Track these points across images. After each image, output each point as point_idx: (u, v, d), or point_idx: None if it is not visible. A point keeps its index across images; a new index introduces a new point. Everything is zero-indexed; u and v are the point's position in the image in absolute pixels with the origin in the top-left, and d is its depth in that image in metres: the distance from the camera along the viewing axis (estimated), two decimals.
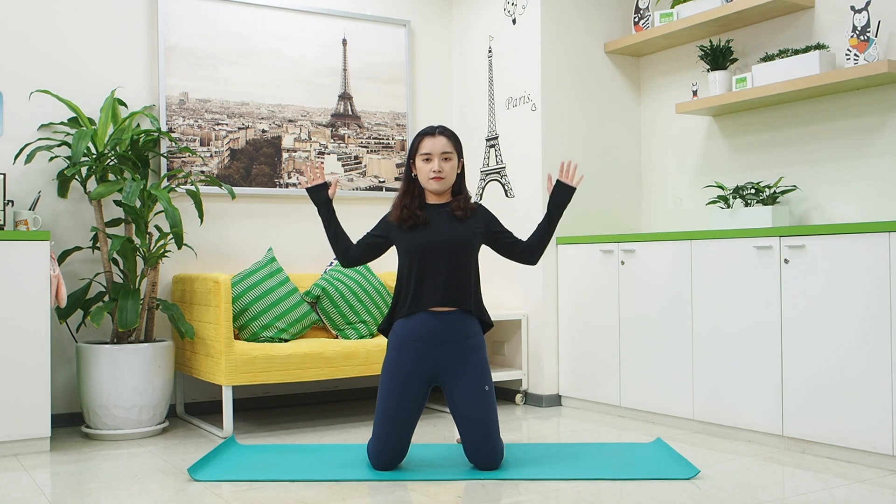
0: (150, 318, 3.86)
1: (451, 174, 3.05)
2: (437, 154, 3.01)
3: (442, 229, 3.03)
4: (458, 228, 3.04)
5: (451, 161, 3.04)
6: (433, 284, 2.99)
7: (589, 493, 2.68)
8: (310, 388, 4.54)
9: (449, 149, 3.04)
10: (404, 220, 3.04)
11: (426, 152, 3.02)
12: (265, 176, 4.39)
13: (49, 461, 3.22)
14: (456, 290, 3.00)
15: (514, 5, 4.50)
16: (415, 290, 3.00)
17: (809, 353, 3.18)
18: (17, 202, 3.79)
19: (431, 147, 3.02)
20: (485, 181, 4.73)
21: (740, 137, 4.05)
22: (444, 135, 3.05)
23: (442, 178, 3.01)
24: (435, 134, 3.04)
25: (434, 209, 3.08)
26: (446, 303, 2.99)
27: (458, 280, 3.01)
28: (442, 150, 3.02)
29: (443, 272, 2.99)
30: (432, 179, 3.02)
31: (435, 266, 2.99)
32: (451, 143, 3.06)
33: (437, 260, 2.99)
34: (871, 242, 2.99)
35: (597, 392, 4.12)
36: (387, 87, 4.76)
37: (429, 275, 2.99)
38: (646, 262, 3.87)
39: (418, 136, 3.08)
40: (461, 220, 3.05)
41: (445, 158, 3.02)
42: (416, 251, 3.00)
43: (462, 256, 3.02)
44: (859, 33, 3.39)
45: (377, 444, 2.96)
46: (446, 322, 2.99)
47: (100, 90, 4.02)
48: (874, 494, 2.64)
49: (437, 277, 2.99)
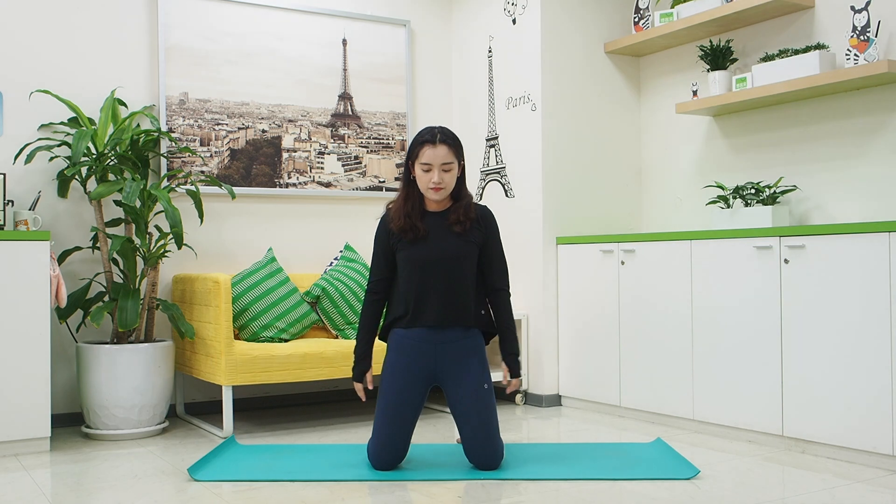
0: (150, 318, 3.86)
1: (451, 183, 2.98)
2: (438, 165, 2.93)
3: (441, 244, 2.98)
4: (456, 243, 2.99)
5: (452, 171, 2.97)
6: (431, 301, 2.98)
7: (589, 493, 2.68)
8: (310, 388, 4.54)
9: (450, 159, 2.95)
10: (405, 231, 2.99)
11: (426, 162, 2.93)
12: (265, 176, 4.39)
13: (49, 461, 3.22)
14: (455, 306, 2.99)
15: (514, 5, 4.50)
16: (414, 307, 2.99)
17: (809, 353, 3.18)
18: (17, 202, 3.79)
19: (432, 157, 2.93)
20: (485, 181, 4.73)
21: (740, 137, 4.05)
22: (445, 143, 2.95)
23: (442, 188, 2.95)
24: (436, 143, 2.94)
25: (434, 219, 3.02)
26: (445, 322, 2.99)
27: (458, 295, 2.99)
28: (442, 160, 2.93)
29: (441, 288, 2.97)
30: (432, 189, 2.95)
31: (434, 282, 2.97)
32: (452, 152, 2.96)
33: (435, 276, 2.97)
34: (871, 242, 2.99)
35: (597, 392, 4.12)
36: (387, 87, 4.76)
37: (427, 291, 2.98)
38: (646, 262, 3.87)
39: (418, 142, 2.98)
40: (461, 233, 3.00)
41: (446, 169, 2.95)
42: (415, 266, 2.98)
43: (461, 271, 2.99)
44: (859, 33, 3.39)
45: (377, 444, 2.96)
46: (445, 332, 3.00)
47: (100, 90, 4.02)
48: (874, 494, 2.64)
49: (435, 294, 2.97)
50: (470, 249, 3.01)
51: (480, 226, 3.05)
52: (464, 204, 3.02)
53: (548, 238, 4.31)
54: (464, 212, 3.00)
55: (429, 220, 3.02)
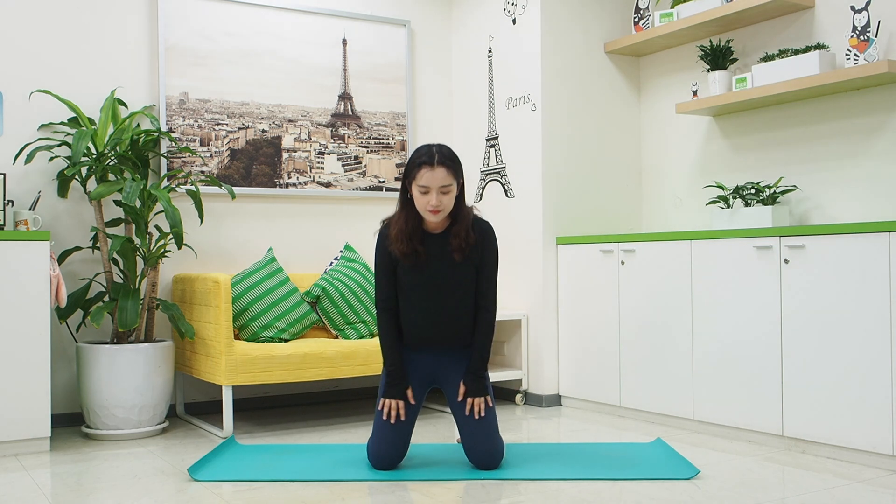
0: (150, 318, 3.86)
1: (450, 205, 2.91)
2: (436, 188, 2.84)
3: (441, 271, 2.95)
4: (456, 269, 2.96)
5: (451, 192, 2.88)
6: (431, 328, 2.99)
7: (589, 493, 2.68)
8: (310, 388, 4.54)
9: (448, 181, 2.85)
10: (406, 256, 2.93)
11: (424, 185, 2.84)
12: (265, 176, 4.39)
13: (49, 461, 3.22)
14: (454, 330, 3.00)
15: (514, 5, 4.50)
16: (414, 331, 3.00)
17: (809, 353, 3.18)
18: (17, 202, 3.79)
19: (429, 181, 2.83)
20: (485, 181, 4.73)
21: (740, 137, 4.05)
22: (444, 165, 2.85)
23: (440, 210, 2.88)
24: (434, 165, 2.84)
25: (434, 242, 2.97)
26: (444, 343, 3.01)
27: (457, 319, 3.00)
28: (440, 184, 2.84)
29: (441, 316, 2.98)
30: (430, 212, 2.87)
31: (433, 309, 2.97)
32: (451, 174, 2.86)
33: (435, 303, 2.97)
34: (871, 242, 2.99)
35: (597, 392, 4.12)
36: (387, 87, 4.76)
37: (427, 318, 2.98)
38: (646, 262, 3.87)
39: (416, 164, 2.87)
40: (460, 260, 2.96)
41: (444, 191, 2.86)
42: (415, 292, 2.97)
43: (460, 296, 2.99)
44: (859, 33, 3.39)
45: (377, 444, 2.96)
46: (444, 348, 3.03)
47: (100, 90, 4.02)
48: (874, 494, 2.64)
49: (434, 322, 2.98)
50: (469, 273, 2.99)
51: (479, 246, 2.99)
52: (464, 227, 2.94)
53: (548, 238, 4.31)
54: (464, 236, 2.93)
55: (429, 242, 2.96)
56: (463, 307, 3.00)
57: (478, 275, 3.01)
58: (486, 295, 3.02)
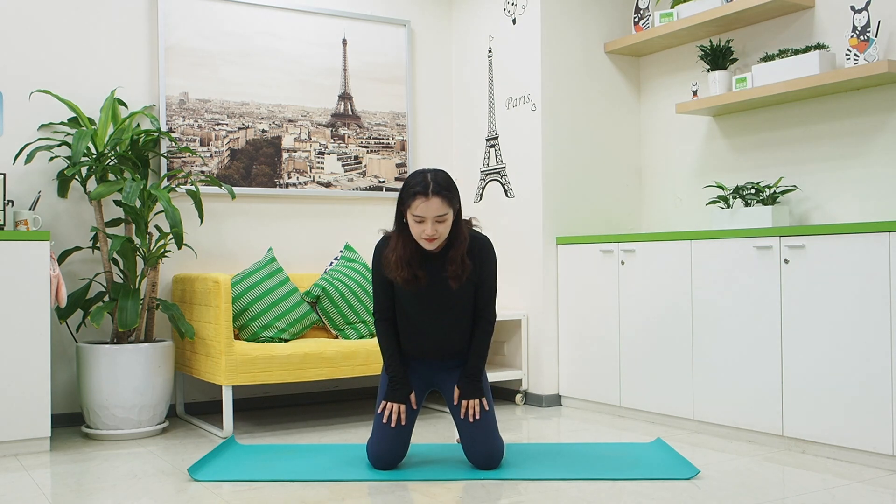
0: (150, 318, 3.86)
1: (446, 232, 2.86)
2: (431, 218, 2.79)
3: (440, 293, 2.93)
4: (454, 292, 2.94)
5: (447, 221, 2.83)
6: (429, 344, 3.01)
7: (589, 493, 2.68)
8: (310, 388, 4.54)
9: (444, 210, 2.79)
10: (407, 282, 2.89)
11: (419, 215, 2.79)
12: (265, 176, 4.39)
13: (49, 461, 3.22)
14: (451, 345, 3.02)
15: (514, 5, 4.50)
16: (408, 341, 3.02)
17: (809, 353, 3.18)
18: (17, 202, 3.79)
19: (425, 211, 2.77)
20: (485, 181, 4.73)
21: (740, 137, 4.05)
22: (439, 195, 2.78)
23: (435, 238, 2.83)
24: (429, 195, 2.77)
25: (432, 264, 2.92)
26: (441, 354, 3.03)
27: (454, 333, 3.01)
28: (436, 213, 2.78)
29: (437, 329, 2.98)
30: (425, 240, 2.83)
31: (432, 328, 2.98)
32: (447, 203, 2.80)
33: (433, 323, 2.97)
34: (871, 242, 2.99)
35: (597, 392, 4.12)
36: (387, 87, 4.76)
37: (425, 336, 2.99)
38: (646, 262, 3.87)
39: (410, 192, 2.81)
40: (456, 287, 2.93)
41: (440, 220, 2.81)
42: (412, 308, 2.97)
43: (458, 315, 2.99)
44: (859, 33, 3.39)
45: (376, 445, 2.96)
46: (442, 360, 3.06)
47: (100, 90, 4.02)
48: (874, 494, 2.64)
49: (432, 340, 3.00)
50: (468, 291, 2.98)
51: (476, 268, 2.95)
52: (460, 253, 2.89)
53: (548, 238, 4.31)
54: (460, 262, 2.89)
55: (427, 265, 2.93)
56: (461, 323, 3.01)
57: (477, 290, 3.00)
58: (486, 307, 3.03)
